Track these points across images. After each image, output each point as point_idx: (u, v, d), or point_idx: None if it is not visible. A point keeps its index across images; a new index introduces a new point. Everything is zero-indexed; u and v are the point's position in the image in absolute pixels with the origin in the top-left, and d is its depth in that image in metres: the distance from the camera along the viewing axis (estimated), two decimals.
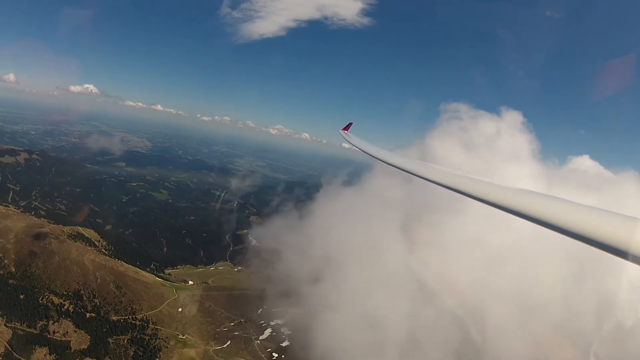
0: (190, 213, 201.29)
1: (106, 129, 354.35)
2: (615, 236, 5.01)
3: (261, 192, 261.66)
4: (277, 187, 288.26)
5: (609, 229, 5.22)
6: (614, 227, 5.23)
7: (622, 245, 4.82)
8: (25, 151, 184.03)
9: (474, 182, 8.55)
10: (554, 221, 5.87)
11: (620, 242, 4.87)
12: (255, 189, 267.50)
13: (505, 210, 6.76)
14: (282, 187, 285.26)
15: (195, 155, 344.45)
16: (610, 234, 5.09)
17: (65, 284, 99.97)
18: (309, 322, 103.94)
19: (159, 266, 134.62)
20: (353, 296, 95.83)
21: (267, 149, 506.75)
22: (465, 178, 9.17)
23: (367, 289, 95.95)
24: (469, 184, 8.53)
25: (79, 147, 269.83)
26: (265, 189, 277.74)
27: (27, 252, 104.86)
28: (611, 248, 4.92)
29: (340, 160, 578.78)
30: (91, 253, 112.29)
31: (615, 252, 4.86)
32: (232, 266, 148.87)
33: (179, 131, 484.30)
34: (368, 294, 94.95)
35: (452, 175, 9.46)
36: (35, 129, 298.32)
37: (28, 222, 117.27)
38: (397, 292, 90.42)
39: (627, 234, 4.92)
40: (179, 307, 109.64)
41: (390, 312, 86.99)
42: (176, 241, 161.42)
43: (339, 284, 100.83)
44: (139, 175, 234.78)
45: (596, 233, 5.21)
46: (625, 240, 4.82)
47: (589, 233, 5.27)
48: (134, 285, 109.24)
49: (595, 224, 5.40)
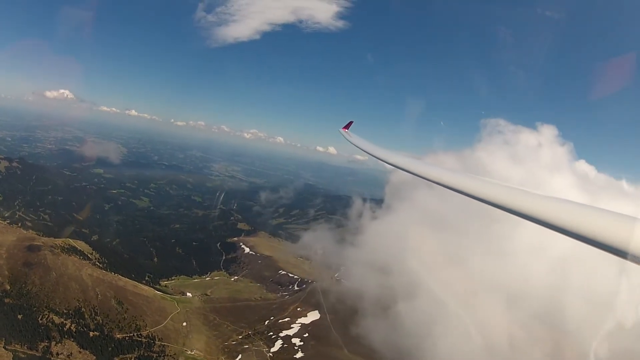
0: (175, 221, 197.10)
1: (81, 135, 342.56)
2: (615, 236, 5.04)
3: (242, 198, 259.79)
4: (258, 192, 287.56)
5: (609, 229, 5.24)
6: (613, 227, 5.25)
7: (621, 245, 4.84)
8: (5, 159, 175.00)
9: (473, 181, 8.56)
10: (554, 221, 5.90)
11: (619, 242, 4.89)
12: (236, 194, 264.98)
13: (506, 210, 6.77)
14: (264, 193, 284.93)
15: (172, 161, 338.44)
16: (610, 234, 5.11)
17: (64, 301, 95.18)
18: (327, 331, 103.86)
19: (154, 278, 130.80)
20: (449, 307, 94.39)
21: (241, 153, 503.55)
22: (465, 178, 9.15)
23: (461, 298, 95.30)
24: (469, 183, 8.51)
25: (55, 153, 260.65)
26: (246, 194, 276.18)
27: (21, 268, 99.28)
28: (611, 248, 4.94)
29: (315, 164, 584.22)
30: (88, 267, 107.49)
31: (615, 252, 4.88)
32: (228, 276, 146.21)
33: (153, 136, 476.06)
34: (464, 303, 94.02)
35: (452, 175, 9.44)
36: (11, 135, 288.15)
37: (18, 236, 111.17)
38: (488, 299, 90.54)
39: (627, 233, 4.96)
40: (183, 321, 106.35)
41: (489, 319, 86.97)
42: (166, 251, 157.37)
43: (433, 295, 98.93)
44: (118, 182, 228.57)
45: (596, 233, 5.24)
46: (624, 240, 4.85)
47: (589, 233, 5.31)
48: (134, 299, 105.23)
49: (595, 224, 5.42)
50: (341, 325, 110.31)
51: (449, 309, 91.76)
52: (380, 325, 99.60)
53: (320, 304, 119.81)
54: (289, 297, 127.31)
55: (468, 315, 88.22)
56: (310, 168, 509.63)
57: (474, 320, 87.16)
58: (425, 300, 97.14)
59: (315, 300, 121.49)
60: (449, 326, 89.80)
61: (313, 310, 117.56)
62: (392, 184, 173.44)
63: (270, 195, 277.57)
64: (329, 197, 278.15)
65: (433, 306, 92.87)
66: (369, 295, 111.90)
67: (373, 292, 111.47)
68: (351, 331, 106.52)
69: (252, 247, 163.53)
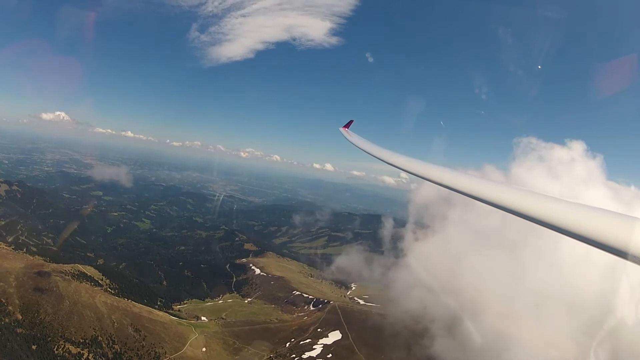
0: (179, 243, 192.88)
1: (78, 157, 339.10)
2: (615, 236, 4.90)
3: (243, 217, 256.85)
4: (258, 211, 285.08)
5: (608, 229, 5.10)
6: (613, 227, 5.12)
7: (621, 245, 4.72)
8: (5, 182, 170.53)
9: (473, 181, 8.41)
10: (554, 221, 5.77)
11: (619, 242, 4.76)
12: (237, 214, 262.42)
13: (506, 210, 6.66)
14: (264, 212, 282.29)
15: (169, 182, 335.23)
16: (610, 234, 4.97)
17: (80, 330, 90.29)
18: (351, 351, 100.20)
19: (166, 302, 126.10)
20: (517, 321, 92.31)
21: (238, 172, 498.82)
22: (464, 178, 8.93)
23: (527, 311, 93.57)
24: (468, 183, 8.35)
25: (53, 176, 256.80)
26: (246, 213, 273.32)
27: (31, 296, 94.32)
28: (611, 248, 4.79)
29: (312, 181, 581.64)
30: (101, 294, 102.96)
31: (614, 252, 4.74)
32: (241, 298, 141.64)
33: (150, 157, 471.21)
34: (531, 316, 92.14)
35: (451, 175, 9.25)
36: (8, 158, 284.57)
37: (26, 263, 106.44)
38: (552, 310, 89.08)
39: (627, 234, 4.85)
40: (203, 347, 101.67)
41: (556, 329, 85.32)
42: (174, 274, 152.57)
43: (498, 311, 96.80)
44: (118, 204, 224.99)
45: (596, 233, 5.09)
46: (624, 240, 4.73)
47: (589, 233, 5.16)
48: (151, 326, 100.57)
49: (595, 224, 5.29)
50: (363, 344, 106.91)
51: (517, 323, 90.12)
52: (445, 343, 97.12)
53: (340, 324, 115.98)
54: (307, 318, 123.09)
55: (536, 328, 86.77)
56: (307, 185, 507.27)
57: (542, 332, 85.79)
58: (491, 316, 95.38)
59: (335, 320, 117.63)
60: (519, 340, 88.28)
61: (334, 331, 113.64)
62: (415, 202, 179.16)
63: (270, 215, 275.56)
64: (329, 215, 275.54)
65: (500, 321, 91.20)
66: (420, 314, 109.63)
67: (425, 312, 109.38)
68: (375, 351, 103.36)
69: (263, 268, 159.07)
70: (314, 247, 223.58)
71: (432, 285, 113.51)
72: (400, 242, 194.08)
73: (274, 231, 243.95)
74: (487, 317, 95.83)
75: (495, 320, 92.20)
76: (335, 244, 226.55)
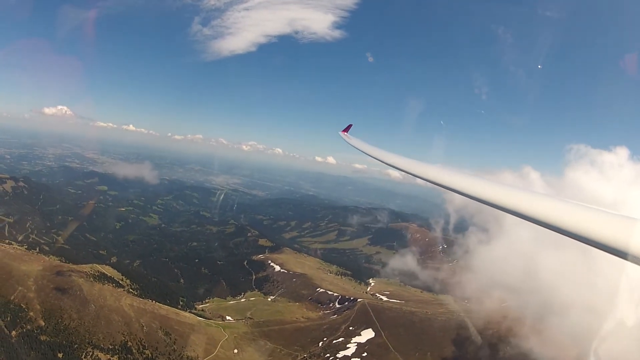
0: (190, 239, 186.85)
1: (80, 151, 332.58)
2: (614, 236, 4.84)
3: (250, 212, 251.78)
4: (264, 205, 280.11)
5: (608, 229, 5.02)
6: (613, 227, 5.04)
7: (621, 245, 4.65)
8: (11, 178, 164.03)
9: (472, 181, 8.20)
10: (554, 221, 5.66)
11: (619, 242, 4.71)
12: (243, 208, 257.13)
13: (505, 210, 6.57)
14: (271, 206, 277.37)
15: (172, 176, 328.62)
16: (609, 234, 4.91)
17: (108, 336, 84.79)
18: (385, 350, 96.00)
19: (187, 301, 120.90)
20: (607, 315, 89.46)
21: (240, 165, 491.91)
22: (464, 178, 8.68)
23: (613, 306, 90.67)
24: (468, 183, 8.16)
25: (56, 170, 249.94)
26: (252, 207, 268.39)
27: (53, 300, 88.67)
28: (611, 248, 4.74)
29: (315, 174, 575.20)
30: (126, 297, 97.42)
31: (614, 252, 4.68)
32: (263, 296, 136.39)
33: (152, 151, 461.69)
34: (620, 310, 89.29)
35: (450, 175, 9.15)
36: (10, 153, 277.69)
37: (43, 264, 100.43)
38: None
39: (627, 234, 4.76)
40: (234, 348, 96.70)
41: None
42: (191, 271, 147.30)
43: (583, 307, 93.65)
44: (124, 199, 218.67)
45: (596, 233, 5.03)
46: (624, 240, 4.68)
47: (589, 233, 5.09)
48: (180, 329, 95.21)
49: (595, 224, 5.21)
50: (398, 342, 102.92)
51: (607, 317, 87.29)
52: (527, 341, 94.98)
53: (372, 322, 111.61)
54: (337, 316, 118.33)
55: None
56: (309, 179, 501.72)
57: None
58: (577, 313, 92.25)
59: (366, 318, 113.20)
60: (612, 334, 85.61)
61: (366, 329, 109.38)
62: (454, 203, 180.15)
63: (277, 209, 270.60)
64: (334, 209, 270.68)
65: (586, 318, 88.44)
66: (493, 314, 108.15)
67: (498, 311, 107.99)
68: (410, 349, 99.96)
69: (282, 265, 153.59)
70: (325, 242, 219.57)
71: (508, 284, 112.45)
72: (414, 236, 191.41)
73: (283, 225, 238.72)
74: (574, 313, 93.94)
75: (581, 317, 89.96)
76: (345, 238, 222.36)
